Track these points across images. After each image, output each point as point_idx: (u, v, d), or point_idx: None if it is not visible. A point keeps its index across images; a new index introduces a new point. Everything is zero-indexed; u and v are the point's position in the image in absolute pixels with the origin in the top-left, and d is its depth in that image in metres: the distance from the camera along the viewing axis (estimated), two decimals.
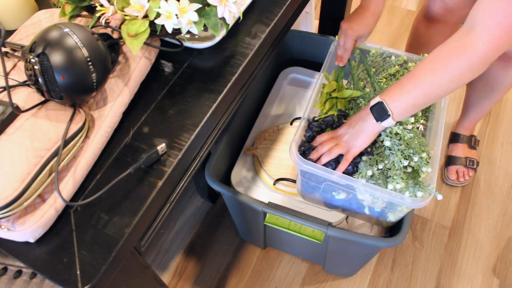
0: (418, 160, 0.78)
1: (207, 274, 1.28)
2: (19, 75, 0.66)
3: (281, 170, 1.09)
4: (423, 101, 0.74)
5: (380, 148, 0.83)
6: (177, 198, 0.68)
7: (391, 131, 0.81)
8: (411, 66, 0.97)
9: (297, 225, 0.94)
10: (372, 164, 0.81)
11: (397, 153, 0.79)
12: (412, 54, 0.98)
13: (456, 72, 0.68)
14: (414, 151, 0.79)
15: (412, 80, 0.73)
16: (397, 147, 0.79)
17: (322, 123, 0.91)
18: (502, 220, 1.36)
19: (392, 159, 0.79)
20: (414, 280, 1.26)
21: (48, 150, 0.57)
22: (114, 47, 0.68)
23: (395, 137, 0.80)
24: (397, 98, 0.74)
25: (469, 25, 0.66)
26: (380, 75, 0.97)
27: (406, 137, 0.80)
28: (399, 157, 0.78)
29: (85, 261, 0.54)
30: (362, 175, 0.80)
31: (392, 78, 0.97)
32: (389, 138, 0.80)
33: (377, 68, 0.98)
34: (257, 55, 0.76)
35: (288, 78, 1.29)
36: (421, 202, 0.77)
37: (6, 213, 0.52)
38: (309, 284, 1.25)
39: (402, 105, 0.74)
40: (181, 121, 0.66)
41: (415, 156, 0.78)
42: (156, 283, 0.76)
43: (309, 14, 1.54)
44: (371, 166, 0.81)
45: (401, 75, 0.96)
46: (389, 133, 0.81)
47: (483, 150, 1.51)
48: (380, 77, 0.97)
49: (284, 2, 0.81)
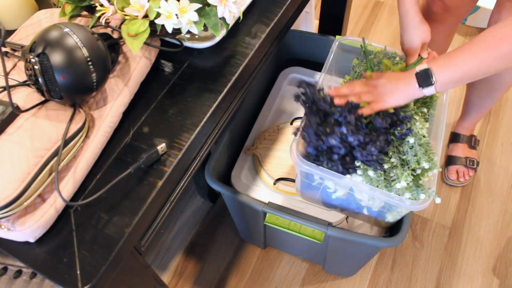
0: (429, 166, 0.78)
1: (207, 274, 1.28)
2: (19, 75, 0.66)
3: (281, 170, 1.09)
4: (469, 77, 0.74)
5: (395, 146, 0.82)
6: (177, 198, 0.68)
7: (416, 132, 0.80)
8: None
9: (297, 225, 0.94)
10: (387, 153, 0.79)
11: (417, 152, 0.78)
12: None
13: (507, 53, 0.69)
14: (427, 155, 0.79)
15: (462, 54, 0.73)
16: (419, 147, 0.79)
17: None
18: (502, 220, 1.36)
19: (409, 157, 0.79)
20: (414, 280, 1.26)
21: (48, 150, 0.57)
22: (114, 47, 0.68)
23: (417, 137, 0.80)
24: (445, 68, 0.75)
25: None
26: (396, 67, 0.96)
27: (422, 140, 0.80)
28: (418, 156, 0.78)
29: (85, 261, 0.54)
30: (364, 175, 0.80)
31: None
32: (414, 137, 0.80)
33: (381, 68, 0.97)
34: (257, 55, 0.76)
35: (288, 78, 1.29)
36: (420, 205, 0.77)
37: (6, 213, 0.52)
38: (309, 284, 1.25)
39: (448, 76, 0.74)
40: (181, 121, 0.66)
41: (427, 163, 0.78)
42: (156, 283, 0.76)
43: (309, 14, 1.54)
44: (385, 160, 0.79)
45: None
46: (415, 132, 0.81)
47: (483, 150, 1.51)
48: None
49: (284, 2, 0.81)
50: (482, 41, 0.72)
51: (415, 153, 0.79)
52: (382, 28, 1.89)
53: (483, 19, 1.81)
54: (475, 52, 0.72)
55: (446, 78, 0.75)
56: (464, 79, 0.74)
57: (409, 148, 0.80)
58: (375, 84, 0.80)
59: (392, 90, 0.78)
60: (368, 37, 1.87)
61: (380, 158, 0.78)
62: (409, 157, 0.79)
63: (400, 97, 0.78)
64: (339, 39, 1.02)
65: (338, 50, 1.02)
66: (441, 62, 0.75)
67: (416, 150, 0.79)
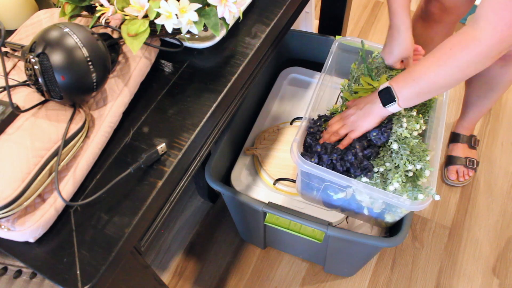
0: (421, 167, 0.79)
1: (207, 274, 1.28)
2: (19, 75, 0.66)
3: (281, 170, 1.09)
4: (428, 90, 0.76)
5: (386, 151, 0.83)
6: (177, 198, 0.68)
7: (399, 135, 0.81)
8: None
9: (297, 225, 0.94)
10: (377, 165, 0.81)
11: (403, 156, 0.79)
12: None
13: (460, 63, 0.70)
14: (419, 157, 0.80)
15: (419, 69, 0.75)
16: (403, 151, 0.80)
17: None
18: (502, 220, 1.36)
19: (397, 162, 0.80)
20: (414, 280, 1.26)
21: (48, 150, 0.57)
22: (114, 47, 0.68)
23: (401, 142, 0.81)
24: (404, 85, 0.77)
25: (475, 19, 0.68)
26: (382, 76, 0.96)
27: (411, 143, 0.81)
28: (404, 160, 0.79)
29: (85, 261, 0.54)
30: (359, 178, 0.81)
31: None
32: (397, 142, 0.81)
33: (379, 69, 0.97)
34: (257, 55, 0.76)
35: (288, 78, 1.29)
36: (420, 205, 0.77)
37: (6, 213, 0.52)
38: (309, 284, 1.25)
39: (408, 92, 0.77)
40: (181, 121, 0.66)
41: (418, 164, 0.79)
42: (156, 283, 0.76)
43: (309, 14, 1.54)
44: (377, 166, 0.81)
45: None
46: (398, 136, 0.82)
47: (483, 150, 1.51)
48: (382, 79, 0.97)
49: (284, 2, 0.81)
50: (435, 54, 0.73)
51: (401, 157, 0.80)
52: (382, 28, 1.89)
53: None
54: (429, 65, 0.73)
55: (407, 94, 0.77)
56: (425, 92, 0.76)
57: (394, 154, 0.81)
58: (347, 115, 0.86)
59: (363, 115, 0.83)
60: (368, 37, 1.87)
61: (365, 165, 0.81)
62: (396, 161, 0.80)
63: (371, 120, 0.82)
64: (339, 39, 1.02)
65: (338, 50, 1.02)
66: (401, 79, 0.78)
67: (402, 154, 0.80)
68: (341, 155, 0.83)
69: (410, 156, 0.80)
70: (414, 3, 1.99)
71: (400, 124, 0.82)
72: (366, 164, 0.81)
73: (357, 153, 0.82)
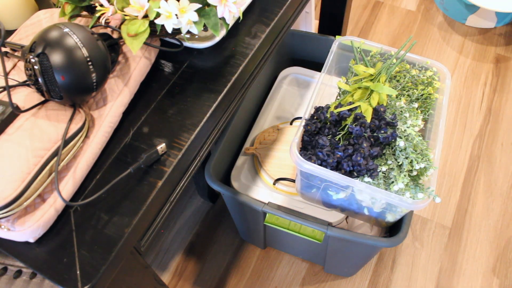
0: (425, 165, 0.79)
1: (207, 274, 1.28)
2: (19, 75, 0.66)
3: (281, 170, 1.09)
4: None
5: (389, 149, 0.82)
6: (177, 198, 0.68)
7: (403, 132, 0.80)
8: (409, 68, 0.96)
9: (297, 225, 0.94)
10: (380, 164, 0.80)
11: (409, 155, 0.79)
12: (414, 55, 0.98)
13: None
14: (422, 155, 0.79)
15: None
16: (409, 149, 0.79)
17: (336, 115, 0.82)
18: (502, 220, 1.36)
19: (401, 160, 0.79)
20: (414, 280, 1.26)
21: (48, 150, 0.57)
22: (114, 47, 0.68)
23: (404, 138, 0.80)
24: None
25: None
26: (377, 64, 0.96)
27: (414, 140, 0.80)
28: (410, 159, 0.78)
29: (85, 261, 0.54)
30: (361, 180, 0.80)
31: (392, 80, 0.96)
32: (402, 139, 0.80)
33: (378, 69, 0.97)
34: (257, 55, 0.76)
35: (288, 78, 1.29)
36: (420, 205, 0.77)
37: (6, 213, 0.52)
38: (309, 284, 1.25)
39: None
40: (181, 121, 0.66)
41: (422, 162, 0.78)
42: (156, 283, 0.76)
43: (309, 14, 1.54)
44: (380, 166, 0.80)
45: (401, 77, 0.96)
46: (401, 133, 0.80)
47: (483, 150, 1.51)
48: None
49: (284, 2, 0.81)
50: None
51: (407, 155, 0.79)
52: (382, 28, 1.89)
53: (483, 19, 1.81)
54: None
55: None
56: None
57: (399, 152, 0.80)
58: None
59: None
60: (368, 37, 1.87)
61: (370, 165, 0.79)
62: (401, 160, 0.80)
63: None
64: (339, 39, 1.02)
65: (338, 50, 1.02)
66: None
67: (408, 153, 0.79)
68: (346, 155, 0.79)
69: (414, 154, 0.79)
70: (414, 3, 1.99)
71: (404, 121, 0.82)
72: (372, 164, 0.79)
73: (365, 153, 0.78)
